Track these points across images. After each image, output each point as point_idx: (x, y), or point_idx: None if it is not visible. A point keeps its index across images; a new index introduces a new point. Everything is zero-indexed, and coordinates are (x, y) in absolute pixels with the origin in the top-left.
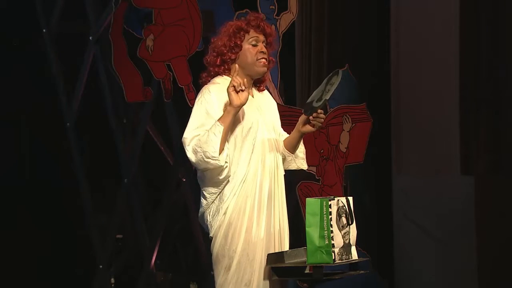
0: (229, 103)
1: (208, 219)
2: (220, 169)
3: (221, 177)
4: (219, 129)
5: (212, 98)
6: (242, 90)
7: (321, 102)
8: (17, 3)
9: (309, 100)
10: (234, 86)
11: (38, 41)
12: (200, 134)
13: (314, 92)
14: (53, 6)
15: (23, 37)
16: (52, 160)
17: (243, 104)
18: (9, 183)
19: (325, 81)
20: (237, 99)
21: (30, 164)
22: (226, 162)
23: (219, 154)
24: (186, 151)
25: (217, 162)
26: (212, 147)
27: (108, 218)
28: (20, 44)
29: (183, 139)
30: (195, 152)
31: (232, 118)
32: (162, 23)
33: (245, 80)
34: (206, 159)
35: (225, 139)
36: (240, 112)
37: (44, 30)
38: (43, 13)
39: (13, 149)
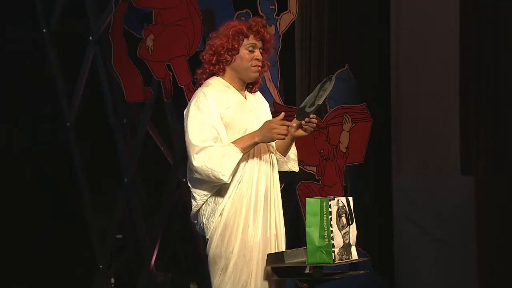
0: (257, 137)
1: (203, 221)
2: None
3: (218, 184)
4: (237, 157)
5: (209, 102)
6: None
7: (313, 108)
8: (17, 3)
9: (302, 105)
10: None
11: (38, 41)
12: (212, 148)
13: (308, 97)
14: (53, 6)
15: (23, 37)
16: (52, 160)
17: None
18: (9, 183)
19: (318, 86)
20: (277, 137)
21: (30, 164)
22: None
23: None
24: (192, 158)
25: (223, 182)
26: (226, 171)
27: (108, 218)
28: (20, 44)
29: (191, 145)
30: (202, 164)
31: (252, 148)
32: (162, 23)
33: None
34: (212, 177)
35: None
36: (235, 114)
37: (44, 30)
38: (43, 13)
39: (13, 149)
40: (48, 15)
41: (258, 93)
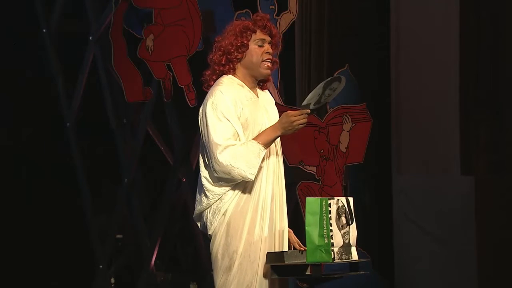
0: (279, 131)
1: (209, 217)
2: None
3: (235, 183)
4: (262, 154)
5: (226, 99)
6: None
7: (319, 105)
8: (17, 3)
9: (305, 102)
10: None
11: (38, 41)
12: (235, 146)
13: (310, 94)
14: (53, 6)
15: (23, 37)
16: (52, 160)
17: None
18: (9, 184)
19: (322, 84)
20: (299, 128)
21: (29, 164)
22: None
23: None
24: (216, 157)
25: (248, 180)
26: (253, 169)
27: (108, 218)
28: (20, 44)
29: (213, 144)
30: (228, 163)
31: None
32: (162, 23)
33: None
34: (237, 175)
35: None
36: (250, 114)
37: (44, 30)
38: (43, 13)
39: (13, 149)
40: (48, 15)
41: (267, 91)
